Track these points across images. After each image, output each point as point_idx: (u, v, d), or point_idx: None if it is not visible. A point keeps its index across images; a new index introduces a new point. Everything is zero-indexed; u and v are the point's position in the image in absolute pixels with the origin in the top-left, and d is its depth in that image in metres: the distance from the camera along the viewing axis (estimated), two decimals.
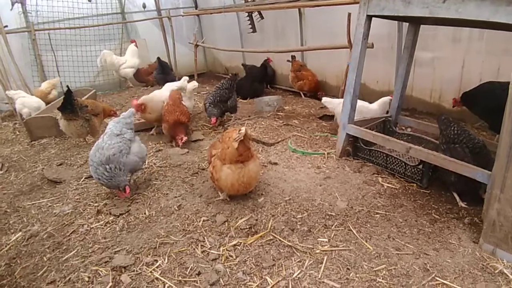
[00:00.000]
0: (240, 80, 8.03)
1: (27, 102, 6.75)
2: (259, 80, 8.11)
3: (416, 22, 4.25)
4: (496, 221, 2.63)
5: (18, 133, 6.60)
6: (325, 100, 5.51)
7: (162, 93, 5.87)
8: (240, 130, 3.22)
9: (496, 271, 2.54)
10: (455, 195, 3.42)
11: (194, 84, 6.38)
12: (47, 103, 7.08)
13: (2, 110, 7.75)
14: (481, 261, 2.65)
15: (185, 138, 5.01)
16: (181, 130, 5.09)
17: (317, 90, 7.30)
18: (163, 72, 8.84)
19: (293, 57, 7.55)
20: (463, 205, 3.35)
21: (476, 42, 4.93)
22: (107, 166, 3.60)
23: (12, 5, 8.30)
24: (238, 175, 3.34)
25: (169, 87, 6.13)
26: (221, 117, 5.96)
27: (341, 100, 5.43)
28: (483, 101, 4.26)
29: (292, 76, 7.48)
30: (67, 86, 5.28)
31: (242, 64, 9.07)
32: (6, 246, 3.20)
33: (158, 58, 9.15)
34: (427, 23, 4.33)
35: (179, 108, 5.26)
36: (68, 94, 5.10)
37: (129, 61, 9.34)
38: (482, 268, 2.58)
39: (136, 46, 9.66)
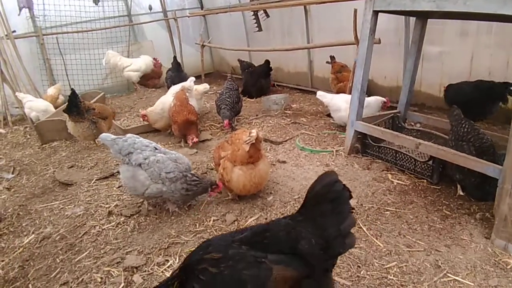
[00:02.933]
0: (246, 80, 8.04)
1: (34, 106, 6.82)
2: (263, 76, 8.04)
3: (423, 16, 4.21)
4: (508, 216, 2.61)
5: (29, 136, 6.68)
6: (319, 94, 5.57)
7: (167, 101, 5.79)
8: (251, 133, 3.22)
9: (509, 267, 2.52)
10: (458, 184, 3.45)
11: (205, 86, 6.44)
12: (56, 108, 7.13)
13: (13, 114, 7.83)
14: (493, 257, 2.62)
15: (196, 140, 5.04)
16: (192, 130, 5.13)
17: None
18: (177, 71, 8.92)
19: (332, 58, 6.88)
20: (461, 194, 3.39)
21: (484, 36, 4.87)
22: (191, 172, 3.50)
23: (20, 10, 8.37)
24: (249, 176, 3.36)
25: (173, 91, 6.16)
26: (232, 120, 5.91)
27: (334, 94, 5.47)
28: (455, 98, 4.61)
29: (332, 77, 6.80)
30: (72, 88, 5.37)
31: (239, 60, 9.06)
32: (19, 249, 3.25)
33: (175, 57, 9.27)
34: (434, 17, 4.28)
35: (187, 108, 5.28)
36: (73, 96, 5.19)
37: (134, 64, 9.34)
38: (495, 264, 2.56)
39: (155, 65, 9.58)
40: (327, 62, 6.93)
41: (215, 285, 1.66)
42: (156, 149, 3.48)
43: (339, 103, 5.26)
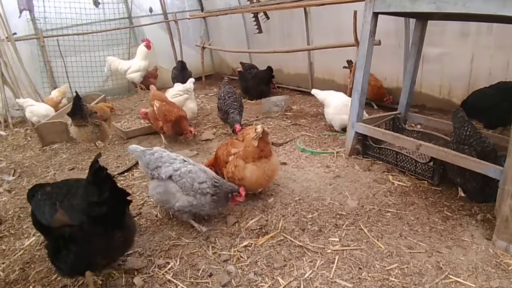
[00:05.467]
0: (247, 82, 8.06)
1: (35, 111, 6.81)
2: (265, 82, 8.05)
3: (423, 17, 4.22)
4: (509, 217, 2.60)
5: (29, 138, 6.68)
6: (314, 91, 5.65)
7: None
8: (256, 128, 3.25)
9: (510, 268, 2.51)
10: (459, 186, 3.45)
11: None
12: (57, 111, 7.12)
13: (14, 117, 7.83)
14: (495, 258, 2.62)
15: (193, 130, 5.15)
16: (185, 124, 5.24)
17: (381, 96, 6.09)
18: (181, 70, 9.14)
19: (349, 62, 6.45)
20: (462, 195, 3.39)
21: (484, 37, 4.87)
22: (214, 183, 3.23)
23: (20, 12, 8.36)
24: (263, 169, 3.40)
25: (175, 90, 6.23)
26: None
27: (329, 92, 5.48)
28: (476, 104, 4.33)
29: (350, 81, 6.07)
30: (76, 92, 5.36)
31: (240, 62, 9.10)
32: (20, 251, 3.24)
33: (180, 61, 9.51)
34: (434, 18, 4.29)
35: (175, 105, 5.43)
36: (77, 100, 5.16)
37: (134, 66, 9.32)
38: (496, 265, 2.55)
39: (148, 47, 9.42)
40: (345, 67, 6.64)
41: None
42: (184, 161, 3.33)
43: (331, 100, 5.35)
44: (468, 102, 4.45)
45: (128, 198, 2.48)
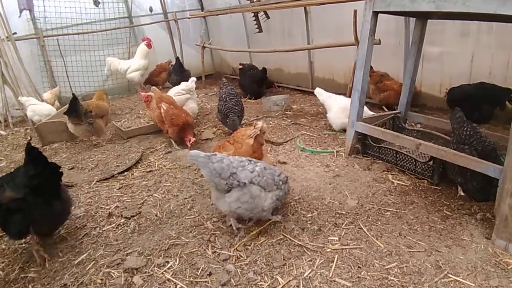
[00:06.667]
0: (243, 82, 8.09)
1: (38, 110, 6.83)
2: (258, 82, 7.98)
3: (423, 16, 4.21)
4: (509, 216, 2.60)
5: (29, 138, 6.67)
6: (317, 91, 5.61)
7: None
8: (256, 124, 3.22)
9: (510, 267, 2.51)
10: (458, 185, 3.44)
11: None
12: None
13: (14, 116, 7.83)
14: (494, 257, 2.62)
15: (194, 140, 5.05)
16: (189, 131, 5.16)
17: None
18: (179, 72, 9.06)
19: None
20: (462, 194, 3.39)
21: (485, 36, 4.87)
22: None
23: (20, 12, 8.38)
24: None
25: (177, 89, 6.26)
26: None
27: (330, 95, 5.47)
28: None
29: (373, 88, 6.10)
30: (73, 94, 5.56)
31: (240, 64, 9.06)
32: (20, 250, 3.25)
33: (177, 58, 9.39)
34: (434, 17, 4.28)
35: (183, 110, 5.37)
36: (74, 100, 5.38)
37: (133, 65, 9.29)
38: (495, 264, 2.55)
39: (149, 45, 9.29)
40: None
41: None
42: (250, 160, 3.11)
43: (332, 104, 5.34)
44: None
45: (60, 170, 3.18)
